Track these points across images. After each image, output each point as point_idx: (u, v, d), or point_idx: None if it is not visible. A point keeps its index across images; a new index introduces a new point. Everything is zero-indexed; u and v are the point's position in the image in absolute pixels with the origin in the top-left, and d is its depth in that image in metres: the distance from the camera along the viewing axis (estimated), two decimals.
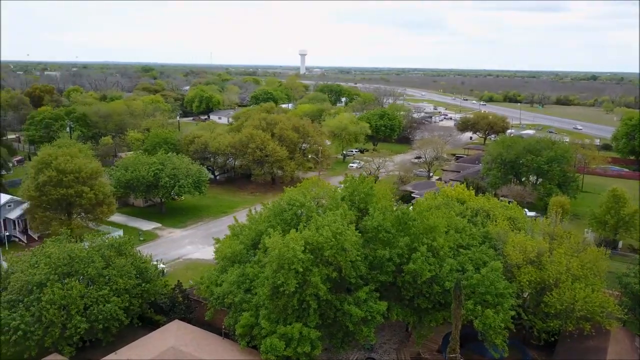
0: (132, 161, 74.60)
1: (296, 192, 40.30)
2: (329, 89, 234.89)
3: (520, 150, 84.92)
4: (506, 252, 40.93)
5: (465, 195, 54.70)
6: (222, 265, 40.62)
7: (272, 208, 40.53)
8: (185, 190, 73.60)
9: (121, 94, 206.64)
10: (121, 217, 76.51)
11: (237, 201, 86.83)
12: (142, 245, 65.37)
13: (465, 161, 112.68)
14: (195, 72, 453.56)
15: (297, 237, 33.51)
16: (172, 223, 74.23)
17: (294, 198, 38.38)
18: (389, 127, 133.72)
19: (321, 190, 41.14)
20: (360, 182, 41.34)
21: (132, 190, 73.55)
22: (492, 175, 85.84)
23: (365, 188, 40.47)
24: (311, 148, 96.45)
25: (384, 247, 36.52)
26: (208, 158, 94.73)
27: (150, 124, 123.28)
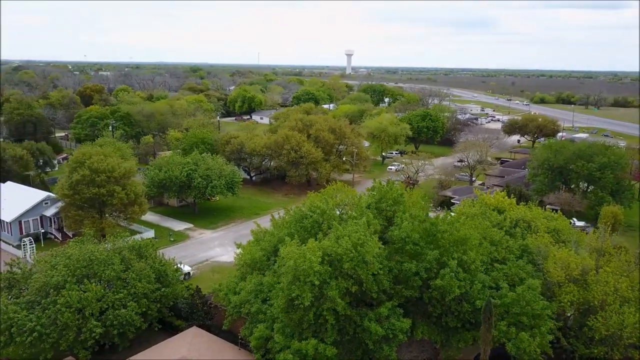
0: (166, 161, 74.71)
1: (318, 198, 38.26)
2: (372, 89, 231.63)
3: (570, 155, 79.70)
4: (546, 269, 37.51)
5: (506, 204, 51.14)
6: (242, 272, 39.16)
7: (293, 214, 38.68)
8: (218, 191, 73.05)
9: (167, 93, 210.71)
10: (155, 217, 76.82)
11: (270, 203, 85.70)
12: (172, 247, 65.20)
13: (511, 166, 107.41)
14: (242, 72, 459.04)
15: (315, 247, 31.53)
16: (203, 224, 73.80)
17: (315, 205, 36.37)
18: (431, 129, 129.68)
19: (345, 197, 38.89)
20: (388, 189, 38.87)
21: (166, 190, 73.56)
22: (538, 181, 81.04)
23: (394, 195, 37.97)
24: (347, 150, 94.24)
25: (411, 260, 33.99)
26: (244, 159, 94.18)
27: (191, 124, 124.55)
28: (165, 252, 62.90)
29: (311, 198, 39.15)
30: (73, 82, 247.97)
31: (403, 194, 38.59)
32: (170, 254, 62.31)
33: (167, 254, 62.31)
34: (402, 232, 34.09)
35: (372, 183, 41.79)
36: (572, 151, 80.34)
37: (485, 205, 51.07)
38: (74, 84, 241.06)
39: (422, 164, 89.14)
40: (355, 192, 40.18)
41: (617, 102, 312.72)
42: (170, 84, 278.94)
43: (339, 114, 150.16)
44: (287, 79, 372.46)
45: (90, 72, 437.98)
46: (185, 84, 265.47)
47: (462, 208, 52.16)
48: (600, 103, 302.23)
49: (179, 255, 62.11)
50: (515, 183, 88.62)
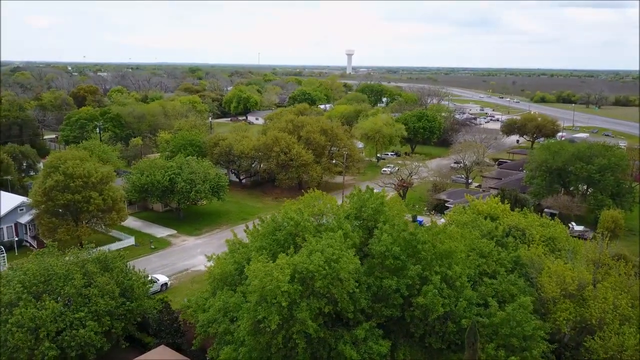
0: (148, 165, 71.92)
1: (293, 208, 35.42)
2: (369, 89, 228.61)
3: (569, 156, 76.81)
4: (540, 283, 34.69)
5: (499, 210, 48.31)
6: (213, 286, 36.35)
7: (266, 225, 35.82)
8: (202, 195, 70.27)
9: (161, 94, 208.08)
10: (138, 222, 74.09)
11: (259, 207, 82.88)
12: (152, 254, 62.49)
13: (509, 167, 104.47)
14: (240, 72, 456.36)
15: (284, 263, 28.73)
16: (187, 230, 71.05)
17: (289, 215, 33.51)
18: (427, 130, 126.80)
19: (324, 206, 36.05)
20: (369, 197, 36.05)
21: (148, 195, 70.79)
22: (536, 184, 78.17)
23: (375, 203, 35.14)
24: (339, 152, 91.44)
25: (392, 276, 31.19)
26: (233, 161, 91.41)
27: (182, 125, 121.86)
28: (145, 261, 60.56)
29: (286, 207, 36.26)
30: (67, 83, 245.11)
31: (384, 202, 35.64)
32: (149, 262, 59.85)
33: (146, 262, 59.96)
34: (382, 246, 31.28)
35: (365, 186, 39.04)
36: (571, 152, 77.45)
37: (477, 212, 48.29)
38: (68, 85, 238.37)
39: (415, 166, 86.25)
40: (334, 201, 37.34)
41: (619, 101, 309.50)
42: (168, 84, 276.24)
43: (334, 115, 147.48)
44: (285, 79, 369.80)
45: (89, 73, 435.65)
46: (181, 84, 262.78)
47: (453, 215, 49.37)
48: (601, 102, 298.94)
49: (158, 264, 59.62)
50: (513, 185, 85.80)
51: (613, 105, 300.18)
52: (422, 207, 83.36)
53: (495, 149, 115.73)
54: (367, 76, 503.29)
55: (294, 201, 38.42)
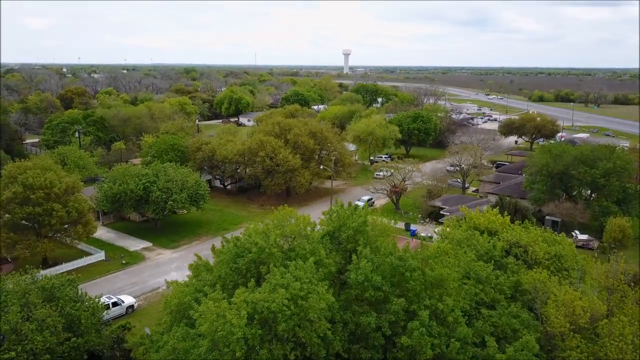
0: (122, 172, 67.04)
1: (260, 229, 30.64)
2: (364, 89, 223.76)
3: (571, 160, 72.12)
4: (546, 314, 30.01)
5: (497, 224, 43.63)
6: (171, 318, 31.59)
7: (226, 251, 30.97)
8: (179, 205, 65.40)
9: (151, 95, 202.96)
10: (111, 234, 69.27)
11: (243, 216, 78.11)
12: (123, 270, 57.65)
13: (507, 170, 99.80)
14: (235, 73, 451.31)
15: (241, 302, 23.98)
16: (164, 242, 66.20)
17: (252, 240, 28.70)
18: (422, 131, 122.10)
19: (296, 227, 31.24)
20: (349, 214, 31.31)
21: (121, 205, 65.92)
22: (536, 189, 73.49)
23: (355, 222, 30.40)
24: (328, 156, 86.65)
25: (372, 311, 26.48)
26: (217, 166, 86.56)
27: (168, 128, 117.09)
28: (113, 279, 55.75)
29: (252, 228, 31.50)
30: (56, 85, 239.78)
31: (366, 220, 30.89)
32: (117, 280, 55.06)
33: (114, 280, 55.13)
34: (360, 275, 26.57)
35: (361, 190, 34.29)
36: (574, 155, 72.76)
37: (474, 226, 43.61)
38: (57, 87, 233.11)
39: (408, 170, 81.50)
40: (308, 220, 32.51)
41: (618, 100, 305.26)
42: (161, 85, 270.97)
43: (327, 116, 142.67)
44: (281, 79, 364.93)
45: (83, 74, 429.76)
46: (173, 85, 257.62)
47: (446, 229, 44.68)
48: (600, 101, 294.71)
49: (128, 282, 54.83)
50: (512, 190, 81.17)
51: (612, 104, 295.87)
52: (415, 214, 78.66)
53: (493, 151, 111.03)
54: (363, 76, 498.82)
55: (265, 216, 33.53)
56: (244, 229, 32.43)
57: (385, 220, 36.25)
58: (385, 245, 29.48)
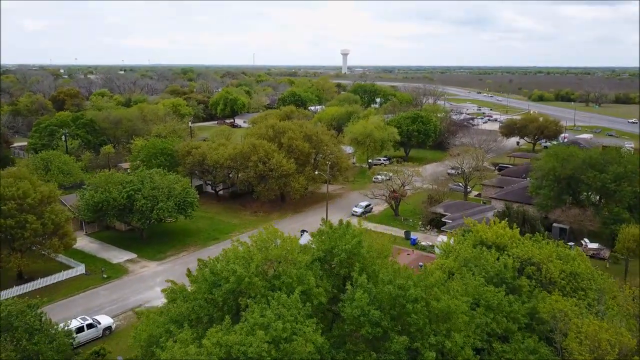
0: (104, 179, 63.24)
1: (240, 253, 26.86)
2: (362, 89, 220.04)
3: (579, 164, 68.44)
4: (567, 347, 26.33)
5: (506, 238, 39.92)
6: (141, 354, 27.86)
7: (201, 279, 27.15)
8: (165, 214, 61.59)
9: (145, 97, 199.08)
10: (95, 244, 65.47)
11: (235, 224, 74.35)
12: (103, 285, 53.86)
13: (510, 173, 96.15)
14: (232, 73, 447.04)
15: (213, 346, 20.24)
16: (149, 253, 62.40)
17: (230, 267, 24.93)
18: (422, 133, 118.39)
19: (281, 250, 27.43)
20: (341, 234, 27.58)
21: (103, 214, 62.11)
22: (542, 194, 69.83)
23: (348, 244, 26.67)
24: (324, 160, 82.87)
25: (369, 350, 22.77)
26: (208, 171, 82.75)
27: (160, 130, 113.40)
28: (92, 295, 51.92)
29: (232, 250, 27.74)
30: (49, 87, 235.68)
31: (362, 240, 27.16)
32: (96, 297, 51.29)
33: (93, 297, 51.24)
34: (355, 308, 22.86)
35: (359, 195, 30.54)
36: (582, 159, 69.07)
37: (480, 240, 39.93)
38: (49, 89, 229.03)
39: (408, 175, 77.74)
40: (295, 242, 28.72)
41: (619, 99, 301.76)
42: (157, 86, 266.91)
43: (324, 117, 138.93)
44: (278, 79, 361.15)
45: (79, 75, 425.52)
46: (168, 86, 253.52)
47: (450, 243, 41.02)
48: (601, 100, 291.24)
49: (107, 299, 51.05)
50: (516, 196, 77.54)
51: (614, 103, 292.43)
52: (416, 221, 74.94)
53: (495, 153, 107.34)
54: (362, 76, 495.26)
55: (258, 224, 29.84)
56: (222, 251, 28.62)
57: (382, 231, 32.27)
58: (385, 270, 25.75)
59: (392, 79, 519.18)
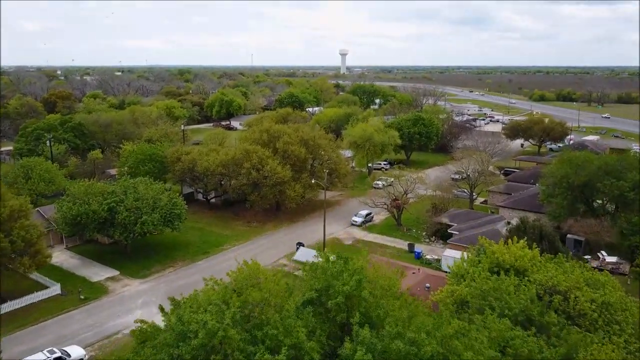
0: (84, 190, 58.59)
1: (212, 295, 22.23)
2: (361, 90, 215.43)
3: (594, 171, 63.99)
4: None
5: (526, 260, 35.40)
6: None
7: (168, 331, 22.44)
8: (150, 227, 56.90)
9: (139, 99, 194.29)
10: (75, 260, 60.82)
11: (227, 235, 69.70)
12: (80, 308, 49.28)
13: (517, 178, 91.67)
14: (229, 74, 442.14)
15: None
16: (132, 270, 57.73)
17: (200, 318, 20.29)
18: (424, 135, 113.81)
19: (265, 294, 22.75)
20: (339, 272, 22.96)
21: (82, 228, 57.43)
22: (555, 203, 65.34)
23: (347, 285, 22.06)
24: (321, 166, 78.24)
25: None
26: (199, 178, 78.08)
27: (152, 134, 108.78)
28: (66, 320, 47.10)
29: (204, 292, 23.09)
30: (41, 89, 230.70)
31: (362, 279, 22.54)
32: (70, 322, 46.65)
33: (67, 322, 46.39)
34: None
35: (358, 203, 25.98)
36: (597, 165, 64.62)
37: (497, 263, 35.39)
38: (42, 91, 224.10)
39: (411, 182, 73.10)
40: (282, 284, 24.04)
41: (621, 99, 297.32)
42: (152, 87, 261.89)
43: (322, 119, 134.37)
44: (276, 80, 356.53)
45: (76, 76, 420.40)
46: (163, 88, 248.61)
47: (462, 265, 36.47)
48: (604, 100, 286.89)
49: (82, 325, 46.41)
50: (526, 204, 73.08)
51: (616, 103, 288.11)
52: (419, 231, 70.37)
53: (500, 157, 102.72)
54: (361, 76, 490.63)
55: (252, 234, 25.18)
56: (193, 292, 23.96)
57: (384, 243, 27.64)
58: (392, 317, 21.15)
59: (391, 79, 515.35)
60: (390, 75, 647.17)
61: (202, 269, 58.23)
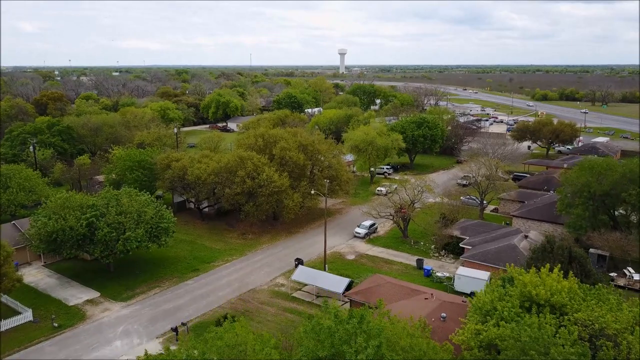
0: (61, 204, 53.33)
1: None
2: (361, 90, 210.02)
3: (618, 179, 58.92)
4: None
5: (564, 294, 30.21)
6: None
7: None
8: (134, 245, 51.67)
9: (133, 100, 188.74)
10: (52, 279, 55.60)
11: (219, 249, 64.45)
12: (51, 339, 43.95)
13: (528, 184, 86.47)
14: (227, 74, 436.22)
15: None
16: (115, 290, 52.48)
17: None
18: (429, 138, 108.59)
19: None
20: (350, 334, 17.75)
21: (59, 246, 52.13)
22: (575, 214, 60.18)
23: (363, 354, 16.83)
24: (320, 174, 72.93)
25: None
26: (191, 187, 72.71)
27: (144, 137, 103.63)
28: (35, 352, 41.72)
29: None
30: (34, 90, 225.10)
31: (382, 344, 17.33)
32: (41, 355, 41.30)
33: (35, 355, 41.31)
34: None
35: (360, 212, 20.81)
36: (621, 173, 59.50)
37: (528, 297, 30.24)
38: (34, 92, 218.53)
39: (418, 191, 67.82)
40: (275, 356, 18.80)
41: (625, 98, 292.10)
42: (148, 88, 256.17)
43: (322, 121, 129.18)
44: (274, 80, 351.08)
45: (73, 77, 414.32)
46: (159, 88, 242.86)
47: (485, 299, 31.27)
48: (608, 99, 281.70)
49: None
50: (542, 214, 67.96)
51: (620, 102, 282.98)
52: (427, 244, 65.15)
53: (510, 161, 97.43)
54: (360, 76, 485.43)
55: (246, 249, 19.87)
56: None
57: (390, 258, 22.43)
58: None
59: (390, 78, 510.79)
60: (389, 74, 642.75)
61: (191, 289, 53.10)
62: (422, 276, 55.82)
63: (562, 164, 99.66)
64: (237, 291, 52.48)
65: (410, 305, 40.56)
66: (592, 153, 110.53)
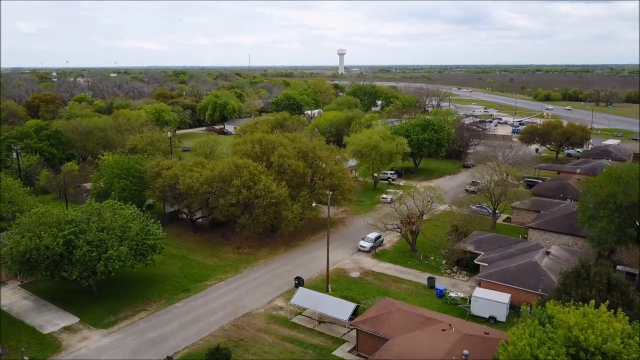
0: (35, 220, 48.29)
1: None
2: (362, 91, 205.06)
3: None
4: None
5: (617, 339, 25.22)
6: None
7: None
8: (117, 265, 46.66)
9: (128, 102, 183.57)
10: (28, 301, 50.59)
11: (213, 265, 59.40)
12: None
13: (542, 191, 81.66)
14: (225, 75, 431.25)
15: None
16: (95, 315, 47.43)
17: None
18: (434, 142, 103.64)
19: None
20: None
21: (33, 267, 47.06)
22: (599, 227, 55.20)
23: None
24: (322, 183, 67.87)
25: None
26: (183, 197, 67.69)
27: (136, 142, 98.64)
28: None
29: None
30: (26, 92, 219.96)
31: None
32: None
33: None
34: None
35: None
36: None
37: (570, 340, 25.28)
38: (26, 94, 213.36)
39: (428, 202, 62.80)
40: None
41: (630, 98, 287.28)
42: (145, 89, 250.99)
43: (322, 123, 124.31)
44: (273, 80, 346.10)
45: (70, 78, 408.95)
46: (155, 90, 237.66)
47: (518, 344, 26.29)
48: (612, 99, 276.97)
49: None
50: (561, 225, 62.99)
51: (625, 103, 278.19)
52: (438, 259, 60.13)
53: (522, 165, 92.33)
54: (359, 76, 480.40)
55: None
56: None
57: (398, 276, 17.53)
58: None
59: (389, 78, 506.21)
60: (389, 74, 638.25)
61: (180, 313, 48.10)
62: (434, 296, 50.89)
63: (575, 169, 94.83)
64: (230, 316, 47.49)
65: (426, 340, 35.62)
66: (604, 157, 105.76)
